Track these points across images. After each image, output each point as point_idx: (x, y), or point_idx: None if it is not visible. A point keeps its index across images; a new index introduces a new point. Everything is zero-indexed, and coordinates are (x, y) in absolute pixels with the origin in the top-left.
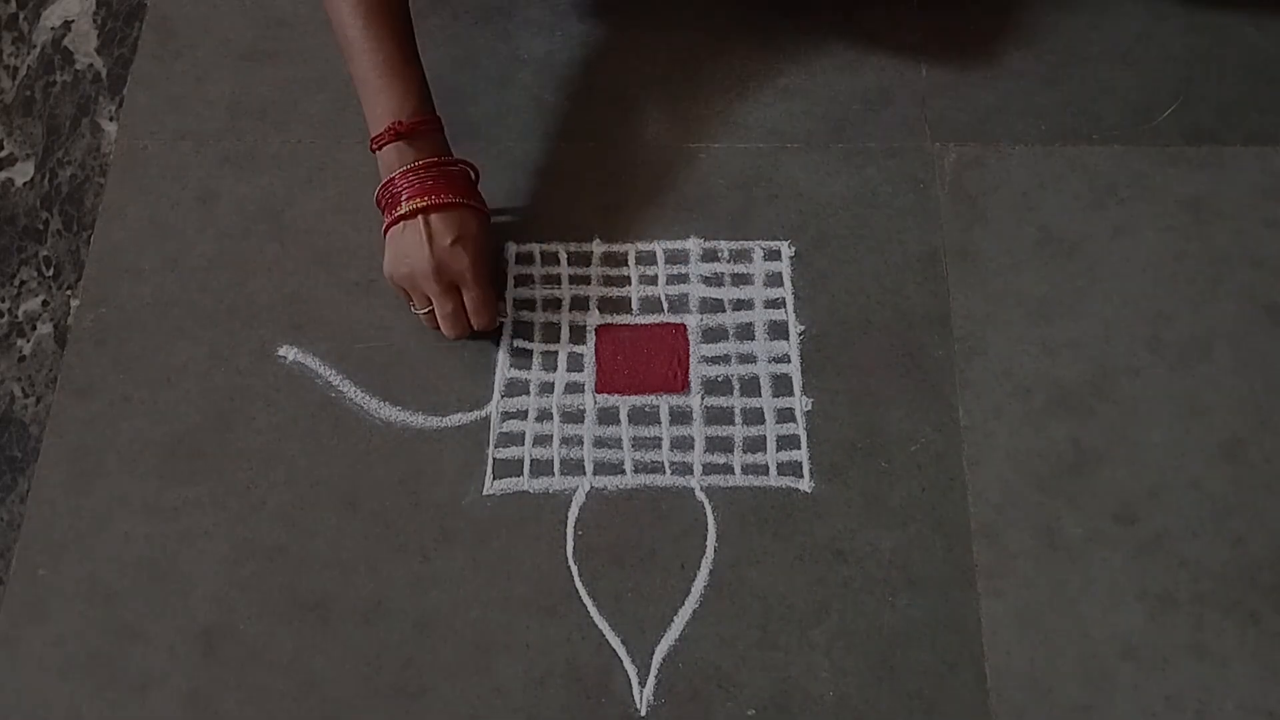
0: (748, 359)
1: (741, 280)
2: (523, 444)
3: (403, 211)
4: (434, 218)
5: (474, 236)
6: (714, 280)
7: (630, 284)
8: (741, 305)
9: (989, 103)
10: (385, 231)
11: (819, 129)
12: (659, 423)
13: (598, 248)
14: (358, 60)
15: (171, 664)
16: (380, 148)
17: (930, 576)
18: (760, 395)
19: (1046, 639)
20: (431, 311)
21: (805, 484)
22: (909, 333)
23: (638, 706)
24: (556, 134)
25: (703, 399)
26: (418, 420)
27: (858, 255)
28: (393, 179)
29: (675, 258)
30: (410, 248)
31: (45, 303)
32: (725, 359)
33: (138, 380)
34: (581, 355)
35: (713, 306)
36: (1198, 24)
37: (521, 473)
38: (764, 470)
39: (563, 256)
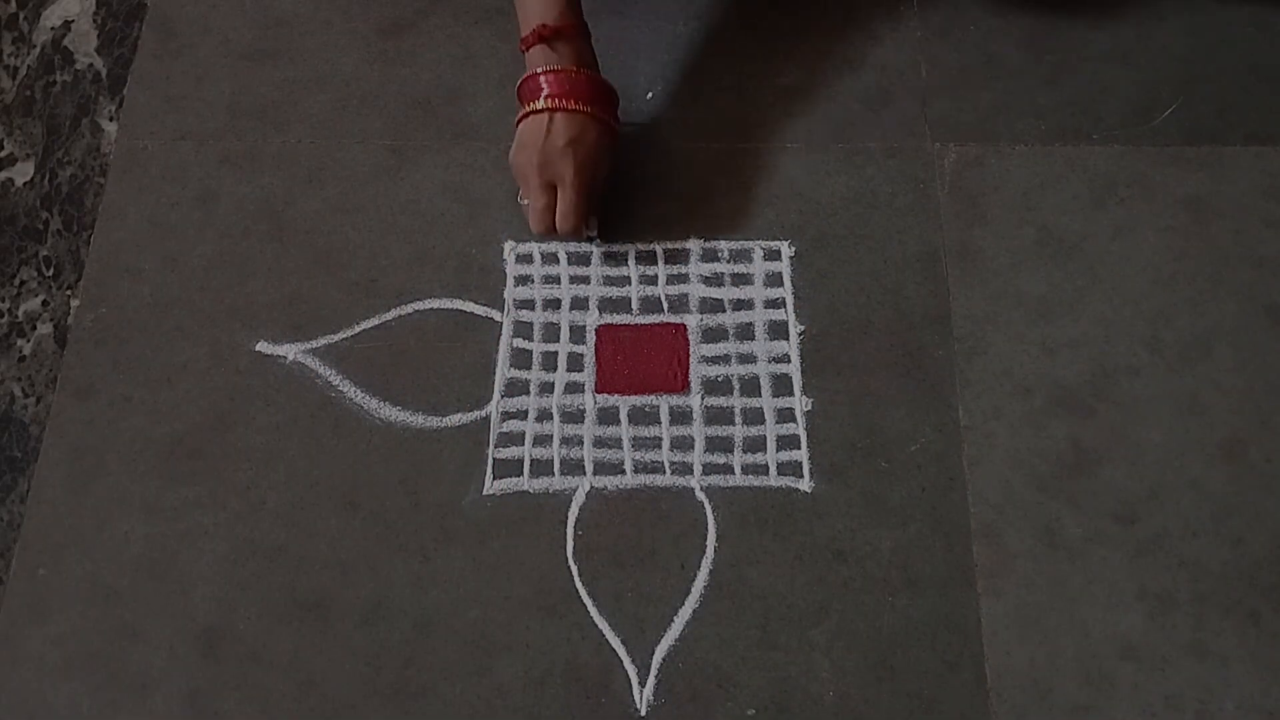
0: (748, 359)
1: (741, 280)
2: (523, 444)
3: (536, 107)
4: (558, 118)
5: (588, 145)
6: (714, 280)
7: (630, 284)
8: (741, 305)
9: (989, 103)
10: (517, 123)
11: (819, 129)
12: (659, 423)
13: (598, 248)
14: None
15: (171, 664)
16: (528, 49)
17: (930, 576)
18: (760, 395)
19: (1046, 639)
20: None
21: (805, 484)
22: (909, 333)
23: (638, 706)
24: None
25: (703, 399)
26: (418, 420)
27: (858, 255)
28: (535, 75)
29: (675, 258)
30: (528, 140)
31: (45, 303)
32: (725, 359)
33: (138, 380)
34: (581, 355)
35: (713, 306)
36: (1198, 24)
37: (521, 473)
38: (764, 470)
39: (563, 256)
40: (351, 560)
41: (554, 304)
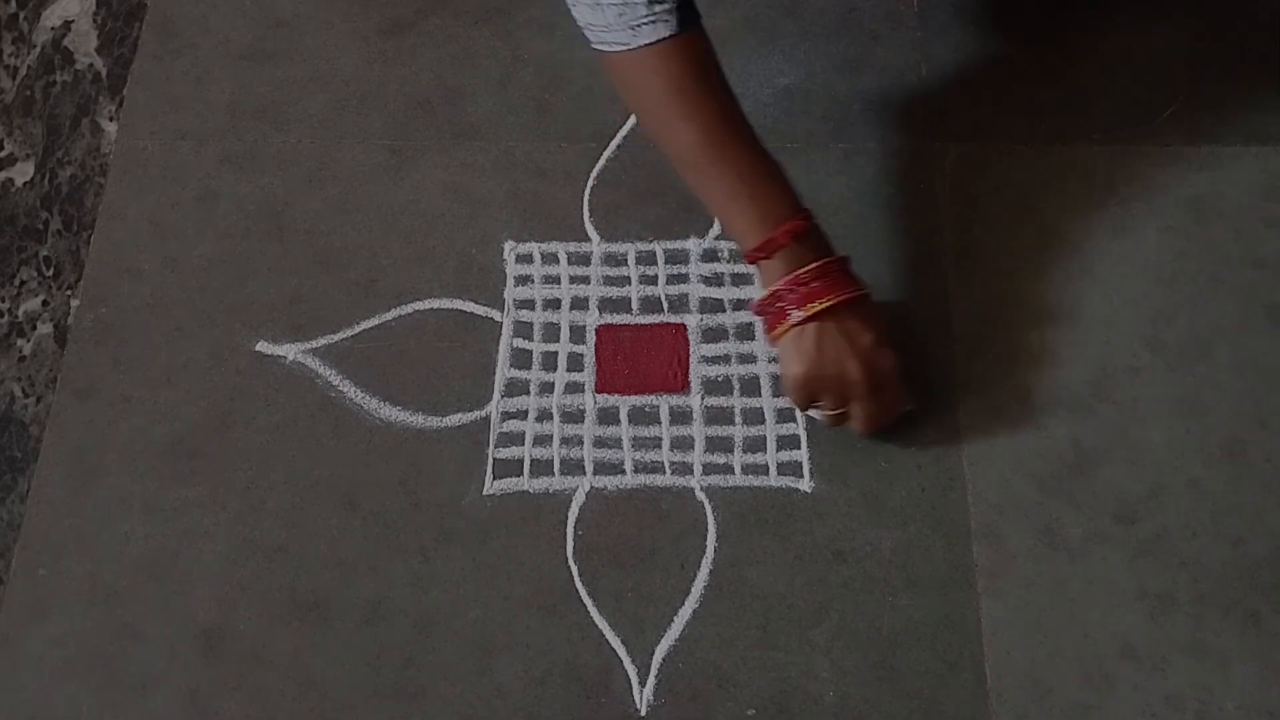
0: (748, 359)
1: (741, 280)
2: (523, 444)
3: (817, 309)
4: (850, 320)
5: (863, 339)
6: (714, 280)
7: (630, 284)
8: (741, 305)
9: (989, 103)
10: (780, 336)
11: (819, 129)
12: (659, 423)
13: (598, 248)
14: (715, 179)
15: (171, 664)
16: (772, 253)
17: (930, 576)
18: (760, 395)
19: (1046, 639)
20: (842, 413)
21: (805, 484)
22: (909, 333)
23: (638, 706)
24: (556, 134)
25: (703, 399)
26: (418, 420)
27: (858, 255)
28: (797, 277)
29: (675, 258)
30: (831, 350)
31: (45, 303)
32: (725, 359)
33: (138, 380)
34: (581, 355)
35: (713, 306)
36: (1198, 24)
37: (521, 473)
38: (764, 470)
39: (563, 256)
40: (351, 560)
41: (554, 304)
